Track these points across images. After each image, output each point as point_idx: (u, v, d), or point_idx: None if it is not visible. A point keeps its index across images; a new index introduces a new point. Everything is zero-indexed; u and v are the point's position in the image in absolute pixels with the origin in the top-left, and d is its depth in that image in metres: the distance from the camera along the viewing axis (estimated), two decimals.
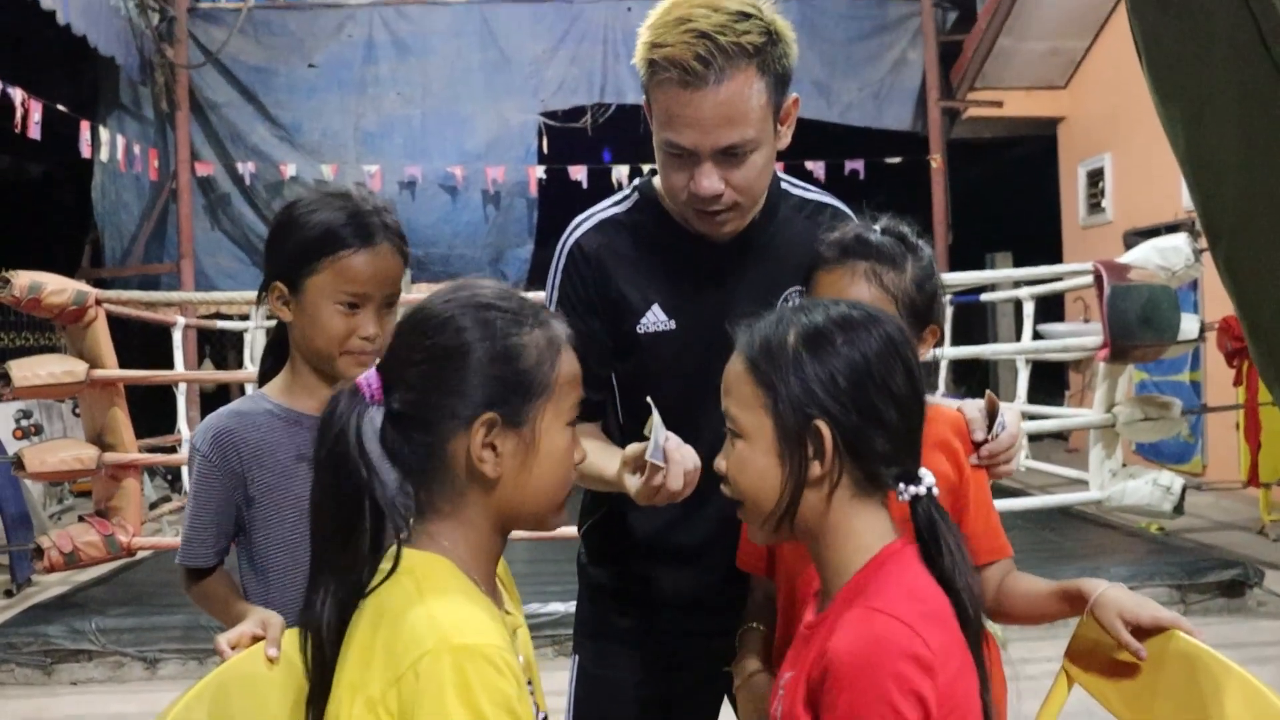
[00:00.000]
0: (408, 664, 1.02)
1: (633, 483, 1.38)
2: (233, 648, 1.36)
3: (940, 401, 1.53)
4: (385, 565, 1.12)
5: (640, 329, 1.62)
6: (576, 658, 1.77)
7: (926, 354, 1.49)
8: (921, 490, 1.18)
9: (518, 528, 1.21)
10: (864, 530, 1.18)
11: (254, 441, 1.59)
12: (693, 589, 1.68)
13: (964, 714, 1.09)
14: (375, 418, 1.15)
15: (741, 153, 1.47)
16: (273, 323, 1.67)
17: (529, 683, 1.17)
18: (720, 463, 1.24)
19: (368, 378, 1.16)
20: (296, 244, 1.56)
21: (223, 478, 1.58)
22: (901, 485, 1.18)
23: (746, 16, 1.43)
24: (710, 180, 1.48)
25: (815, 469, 1.15)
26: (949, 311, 5.60)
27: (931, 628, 1.08)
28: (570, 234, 1.68)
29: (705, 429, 1.61)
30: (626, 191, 1.70)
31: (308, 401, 1.61)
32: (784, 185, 1.69)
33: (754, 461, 1.18)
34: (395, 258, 1.59)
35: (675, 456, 1.34)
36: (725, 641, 1.54)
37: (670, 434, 1.36)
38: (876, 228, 1.50)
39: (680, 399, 1.58)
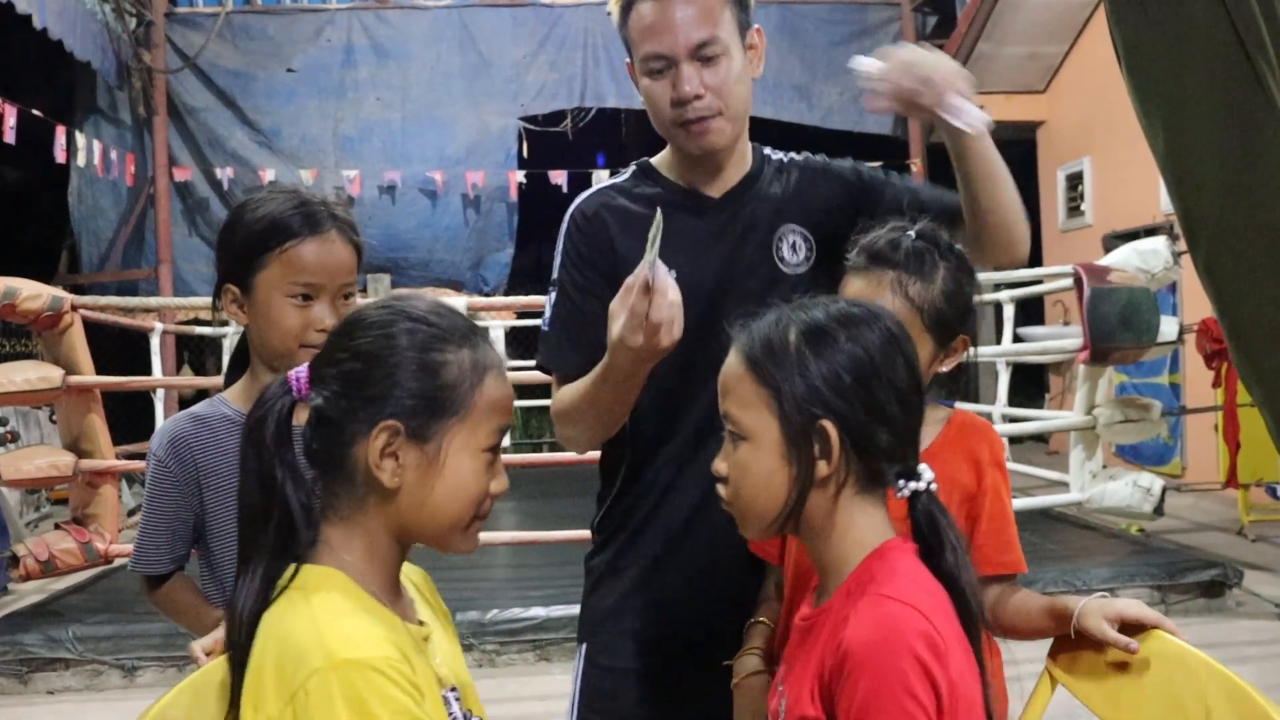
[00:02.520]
0: (298, 683, 1.00)
1: (616, 326, 1.35)
2: (207, 654, 1.34)
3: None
4: (281, 581, 1.11)
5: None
6: (584, 647, 1.76)
7: (954, 364, 1.47)
8: (921, 485, 1.17)
9: (418, 542, 1.19)
10: (864, 526, 1.17)
11: (211, 446, 1.56)
12: (703, 582, 1.66)
13: (970, 706, 1.08)
14: (303, 415, 1.15)
15: (714, 54, 1.57)
16: None
17: (454, 689, 1.16)
18: (720, 465, 1.21)
19: (297, 372, 1.16)
20: (243, 240, 1.53)
21: (178, 483, 1.56)
22: (901, 481, 1.17)
23: None
24: (690, 83, 1.57)
25: (822, 469, 1.14)
26: None
27: (939, 617, 1.08)
28: (572, 206, 1.71)
29: (700, 387, 1.59)
30: (627, 169, 1.75)
31: None
32: (766, 151, 1.75)
33: (759, 463, 1.16)
34: (346, 246, 1.56)
35: (660, 285, 1.30)
36: (736, 632, 1.53)
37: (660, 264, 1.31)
38: (911, 232, 1.47)
39: (681, 355, 1.56)
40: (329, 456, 1.14)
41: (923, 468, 1.18)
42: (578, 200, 1.71)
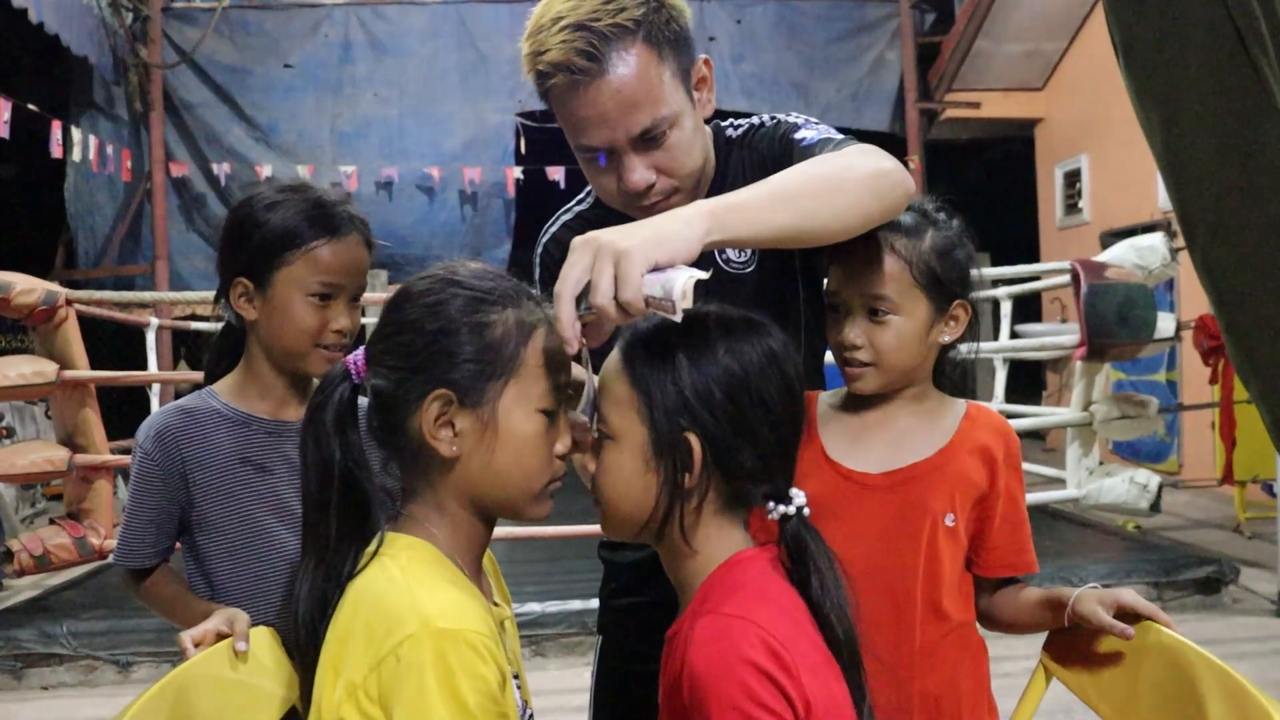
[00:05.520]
0: (389, 648, 1.00)
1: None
2: (196, 645, 1.33)
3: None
4: (370, 549, 1.11)
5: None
6: (600, 640, 1.76)
7: (959, 333, 1.43)
8: (791, 509, 1.13)
9: (496, 514, 1.19)
10: (718, 544, 1.14)
11: (197, 439, 1.56)
12: None
13: (837, 716, 1.05)
14: (364, 397, 1.16)
15: (659, 133, 1.39)
16: None
17: (515, 676, 1.16)
18: (590, 463, 1.19)
19: (355, 355, 1.16)
20: (264, 237, 1.53)
21: (164, 476, 1.55)
22: (770, 504, 1.13)
23: None
24: (638, 172, 1.40)
25: (684, 481, 1.11)
26: None
27: (786, 627, 1.05)
28: (540, 240, 1.66)
29: None
30: (588, 190, 1.66)
31: (259, 404, 1.59)
32: (728, 133, 1.60)
33: (622, 466, 1.13)
34: (363, 248, 1.58)
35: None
36: None
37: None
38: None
39: None
40: (390, 433, 1.14)
41: (794, 491, 1.14)
42: (546, 235, 1.66)
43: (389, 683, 0.99)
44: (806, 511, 1.14)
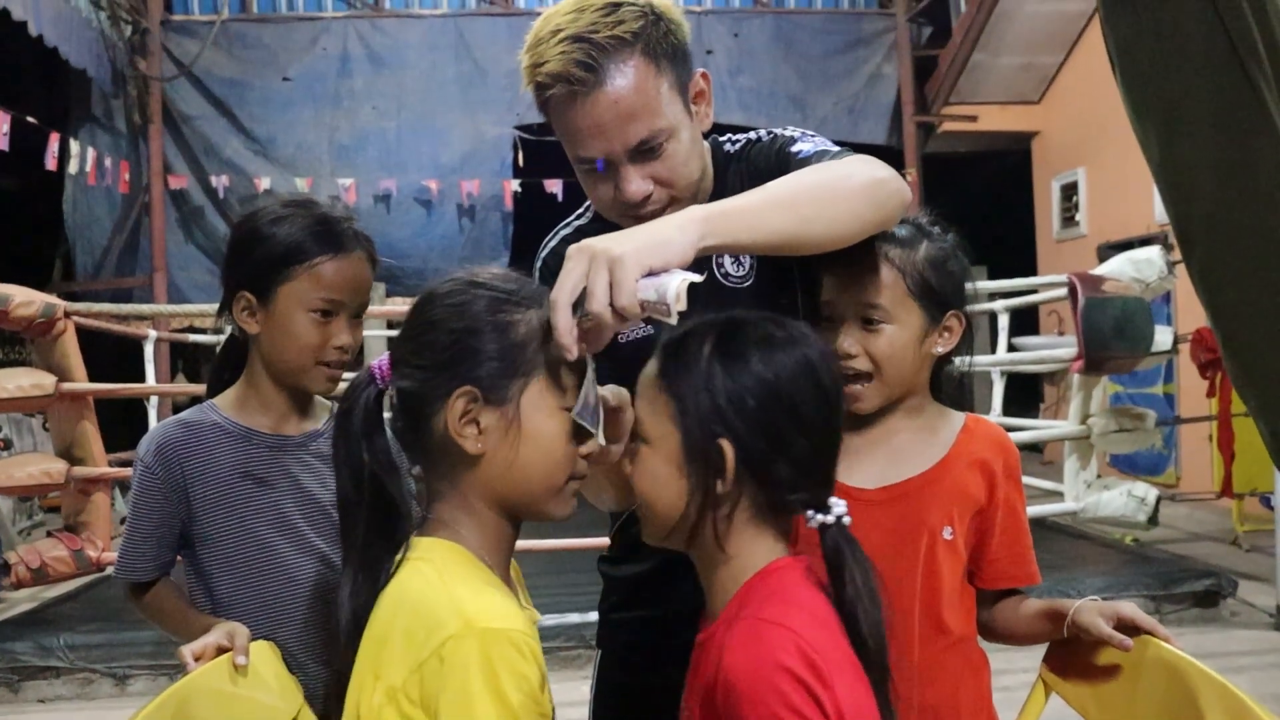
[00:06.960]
0: (431, 649, 1.01)
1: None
2: (196, 659, 1.33)
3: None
4: (399, 555, 1.12)
5: (621, 338, 1.55)
6: (599, 654, 1.75)
7: (952, 344, 1.43)
8: (830, 519, 1.13)
9: (520, 513, 1.19)
10: (753, 551, 1.14)
11: (199, 453, 1.56)
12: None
13: None
14: (390, 402, 1.18)
15: (657, 144, 1.40)
16: None
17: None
18: (627, 465, 1.20)
19: (380, 360, 1.17)
20: (268, 252, 1.53)
21: (164, 490, 1.55)
22: (810, 512, 1.13)
23: (616, 6, 1.38)
24: (635, 183, 1.41)
25: (717, 487, 1.11)
26: None
27: (821, 636, 1.05)
28: (539, 255, 1.66)
29: None
30: (586, 205, 1.66)
31: (261, 418, 1.59)
32: (725, 147, 1.61)
33: (654, 469, 1.14)
34: (367, 265, 1.59)
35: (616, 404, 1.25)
36: None
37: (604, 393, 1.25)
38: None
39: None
40: (415, 434, 1.16)
41: (834, 501, 1.13)
42: (544, 250, 1.66)
43: (432, 684, 1.00)
44: (847, 521, 1.14)
